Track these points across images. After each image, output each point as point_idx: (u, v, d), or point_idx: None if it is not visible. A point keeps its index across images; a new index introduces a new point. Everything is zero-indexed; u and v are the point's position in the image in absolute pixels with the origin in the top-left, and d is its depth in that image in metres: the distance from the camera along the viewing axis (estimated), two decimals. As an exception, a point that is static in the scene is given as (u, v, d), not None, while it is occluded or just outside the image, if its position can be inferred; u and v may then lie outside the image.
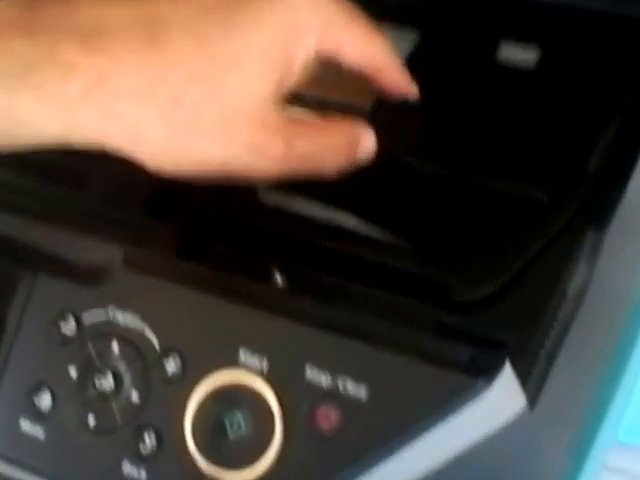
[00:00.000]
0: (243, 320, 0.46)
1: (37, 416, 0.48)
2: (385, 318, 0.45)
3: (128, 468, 0.46)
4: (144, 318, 0.47)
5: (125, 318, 0.47)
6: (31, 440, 0.48)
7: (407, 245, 0.51)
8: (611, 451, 0.56)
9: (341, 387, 0.43)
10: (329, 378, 0.44)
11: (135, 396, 0.46)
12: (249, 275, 0.48)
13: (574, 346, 0.46)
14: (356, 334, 0.44)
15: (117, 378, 0.47)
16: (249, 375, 0.45)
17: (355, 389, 0.43)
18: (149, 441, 0.46)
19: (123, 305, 0.48)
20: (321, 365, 0.44)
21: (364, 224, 0.52)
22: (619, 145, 0.53)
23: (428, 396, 0.42)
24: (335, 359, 0.44)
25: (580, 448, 0.47)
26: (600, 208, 0.49)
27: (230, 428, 0.44)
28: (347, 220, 0.52)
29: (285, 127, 0.45)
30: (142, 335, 0.47)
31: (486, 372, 0.42)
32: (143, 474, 0.46)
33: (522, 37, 0.58)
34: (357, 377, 0.43)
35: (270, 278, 0.48)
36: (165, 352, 0.46)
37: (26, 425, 0.48)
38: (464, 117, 0.56)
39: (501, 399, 0.42)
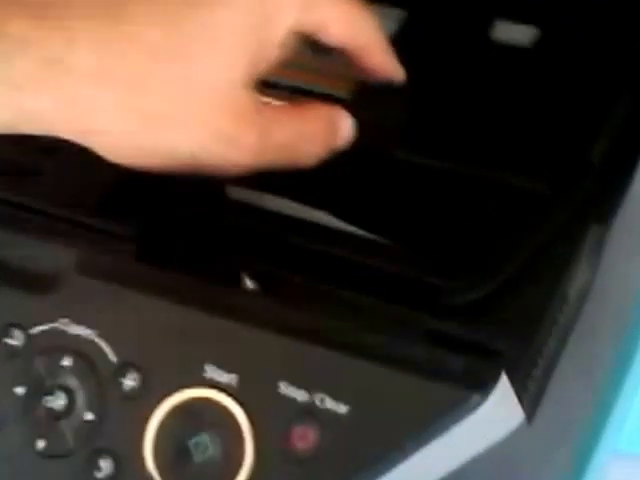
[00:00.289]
0: (210, 331, 0.42)
1: (-20, 439, 0.45)
2: (368, 326, 0.42)
3: (82, 496, 0.43)
4: (99, 330, 0.44)
5: (78, 330, 0.44)
6: (-26, 465, 0.45)
7: (393, 244, 0.48)
8: (612, 461, 0.54)
9: (319, 403, 0.40)
10: (305, 393, 0.40)
11: (89, 416, 0.43)
12: (217, 280, 0.45)
13: (575, 353, 0.44)
14: (335, 344, 0.41)
15: (69, 396, 0.43)
16: (216, 392, 0.41)
17: (335, 405, 0.40)
18: (105, 466, 0.42)
19: (75, 316, 0.44)
20: (297, 379, 0.41)
21: (346, 223, 0.49)
22: (624, 134, 0.50)
23: (416, 412, 0.39)
24: (312, 372, 0.41)
25: (580, 459, 0.46)
26: (604, 203, 0.47)
27: (195, 451, 0.41)
28: (327, 219, 0.49)
29: (259, 114, 0.42)
30: (97, 349, 0.43)
31: (481, 385, 0.39)
32: (99, 503, 0.42)
33: (518, 16, 0.56)
34: (337, 392, 0.40)
35: (240, 283, 0.45)
36: (123, 367, 0.43)
37: (-32, 449, 0.45)
38: (454, 103, 0.53)
39: (497, 413, 0.39)
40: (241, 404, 0.41)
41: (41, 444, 0.43)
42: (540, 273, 0.44)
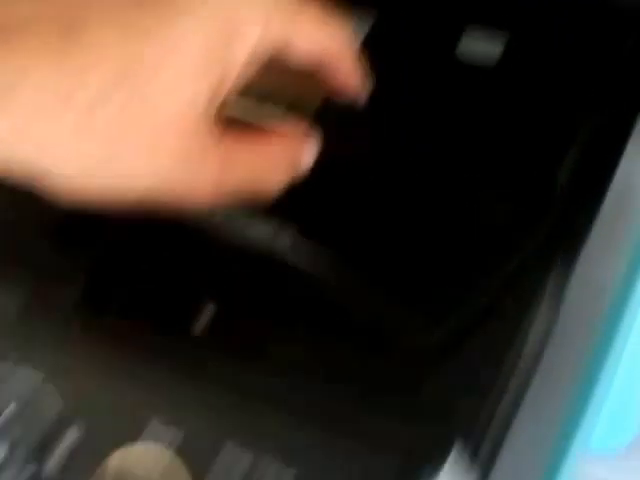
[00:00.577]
0: (156, 384, 0.42)
1: None
2: (315, 387, 0.41)
3: None
4: (43, 376, 0.43)
5: (21, 375, 0.43)
6: None
7: (346, 286, 0.46)
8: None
9: (264, 469, 0.39)
10: (252, 455, 0.39)
11: (30, 469, 0.42)
12: (166, 329, 0.44)
13: (533, 406, 0.42)
14: (282, 405, 0.40)
15: (10, 446, 0.42)
16: (160, 451, 0.40)
17: (280, 473, 0.39)
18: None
19: (18, 360, 0.43)
20: (243, 440, 0.40)
21: (302, 243, 0.48)
22: (594, 153, 0.48)
23: None
24: (260, 434, 0.40)
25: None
26: (569, 234, 0.45)
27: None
28: (284, 240, 0.48)
29: (218, 146, 0.40)
30: (40, 396, 0.42)
31: (430, 458, 0.38)
32: None
33: (486, 28, 0.53)
34: (283, 458, 0.39)
35: (190, 329, 0.44)
36: (66, 417, 0.42)
37: None
38: (418, 123, 0.51)
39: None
40: (186, 465, 0.40)
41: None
42: (497, 318, 0.43)
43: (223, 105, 0.41)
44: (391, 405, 0.40)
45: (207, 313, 0.44)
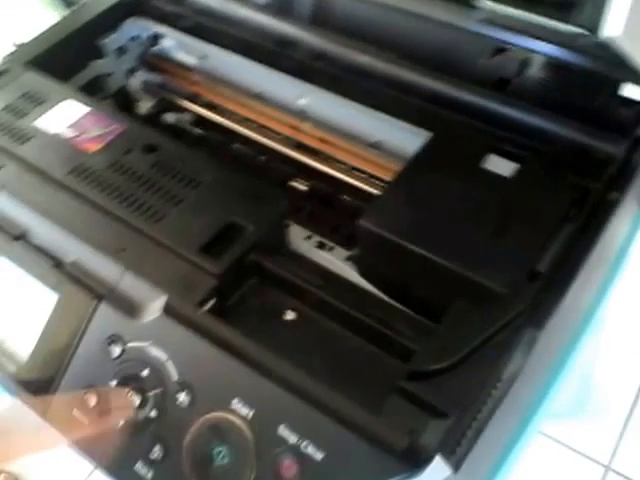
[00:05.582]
0: (242, 376, 0.55)
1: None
2: (347, 394, 0.53)
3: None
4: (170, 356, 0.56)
5: (155, 352, 0.57)
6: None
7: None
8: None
9: (304, 447, 0.52)
10: (296, 438, 0.52)
11: (153, 413, 0.57)
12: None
13: (502, 418, 0.54)
14: (322, 407, 0.52)
15: (143, 397, 0.57)
16: (239, 419, 0.53)
17: (314, 451, 0.51)
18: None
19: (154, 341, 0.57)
20: (292, 426, 0.52)
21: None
22: (566, 253, 0.62)
23: (364, 475, 0.50)
24: (303, 424, 0.52)
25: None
26: (541, 308, 0.57)
27: (217, 457, 0.54)
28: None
29: None
30: (165, 368, 0.56)
31: (417, 462, 0.50)
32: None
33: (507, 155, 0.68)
34: (317, 442, 0.51)
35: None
36: (181, 385, 0.56)
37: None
38: (449, 213, 0.65)
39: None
40: (253, 432, 0.53)
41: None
42: (484, 358, 0.55)
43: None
44: (395, 410, 0.53)
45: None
